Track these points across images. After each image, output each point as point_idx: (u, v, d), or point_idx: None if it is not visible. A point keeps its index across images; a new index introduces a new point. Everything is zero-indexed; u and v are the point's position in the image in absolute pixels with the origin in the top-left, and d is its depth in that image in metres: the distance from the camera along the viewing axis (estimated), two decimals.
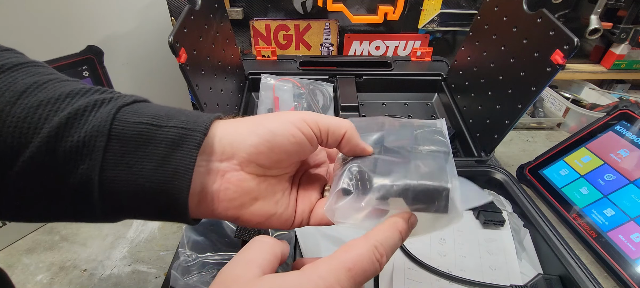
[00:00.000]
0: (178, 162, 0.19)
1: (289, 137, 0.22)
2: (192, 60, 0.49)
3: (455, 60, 0.70)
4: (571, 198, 0.55)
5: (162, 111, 0.21)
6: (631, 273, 0.46)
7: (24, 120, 0.17)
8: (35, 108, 0.18)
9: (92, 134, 0.18)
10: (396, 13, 0.81)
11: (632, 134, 0.55)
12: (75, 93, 0.19)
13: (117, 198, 0.19)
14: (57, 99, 0.18)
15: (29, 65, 0.20)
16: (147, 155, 0.19)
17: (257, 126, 0.22)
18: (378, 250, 0.20)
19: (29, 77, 0.19)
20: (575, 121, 0.78)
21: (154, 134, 0.19)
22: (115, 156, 0.19)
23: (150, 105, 0.21)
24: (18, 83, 0.18)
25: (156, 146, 0.19)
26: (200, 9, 0.51)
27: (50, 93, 0.18)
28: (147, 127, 0.19)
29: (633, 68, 0.87)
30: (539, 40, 0.48)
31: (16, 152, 0.17)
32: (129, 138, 0.19)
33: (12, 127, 0.17)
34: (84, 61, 0.54)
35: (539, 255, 0.46)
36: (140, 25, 0.61)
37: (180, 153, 0.19)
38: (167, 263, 0.50)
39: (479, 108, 0.61)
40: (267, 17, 0.84)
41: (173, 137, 0.20)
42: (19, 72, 0.19)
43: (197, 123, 0.20)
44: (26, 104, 0.18)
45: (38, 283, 0.47)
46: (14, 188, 0.18)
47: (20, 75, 0.19)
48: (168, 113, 0.21)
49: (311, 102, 0.69)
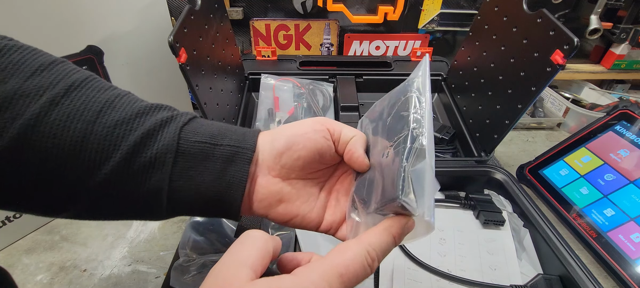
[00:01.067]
0: (233, 175, 0.24)
1: (306, 135, 0.25)
2: (192, 60, 0.49)
3: (455, 60, 0.70)
4: (571, 198, 0.55)
5: (215, 130, 0.24)
6: (631, 273, 0.46)
7: (105, 138, 0.21)
8: (113, 128, 0.21)
9: (162, 151, 0.22)
10: (396, 13, 0.81)
11: (632, 134, 0.55)
12: (143, 112, 0.23)
13: (181, 202, 0.23)
14: (130, 119, 0.22)
15: (91, 80, 0.23)
16: (208, 169, 0.23)
17: (282, 130, 0.26)
18: (370, 255, 0.20)
19: (100, 93, 0.22)
20: (575, 121, 0.78)
21: (212, 151, 0.23)
22: (182, 169, 0.23)
23: (205, 123, 0.25)
24: (94, 101, 0.22)
25: (214, 162, 0.23)
26: (200, 9, 0.51)
27: (122, 113, 0.22)
28: (206, 146, 0.23)
29: (633, 68, 0.87)
30: (539, 40, 0.48)
31: (99, 164, 0.21)
32: (193, 155, 0.23)
33: (95, 143, 0.21)
34: (84, 61, 0.54)
35: (539, 255, 0.46)
36: (140, 25, 0.61)
37: (234, 168, 0.24)
38: (167, 263, 0.50)
39: (479, 108, 0.61)
40: (267, 17, 0.84)
41: (228, 154, 0.24)
42: (89, 89, 0.22)
43: (246, 141, 0.25)
44: (105, 123, 0.21)
45: (38, 283, 0.47)
46: (96, 193, 0.22)
47: (92, 93, 0.22)
48: (221, 131, 0.25)
49: (311, 102, 0.69)
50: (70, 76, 0.22)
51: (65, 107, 0.21)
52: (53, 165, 0.20)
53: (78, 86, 0.22)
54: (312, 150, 0.25)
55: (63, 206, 0.22)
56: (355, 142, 0.25)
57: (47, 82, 0.21)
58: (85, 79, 0.23)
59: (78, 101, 0.21)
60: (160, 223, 0.56)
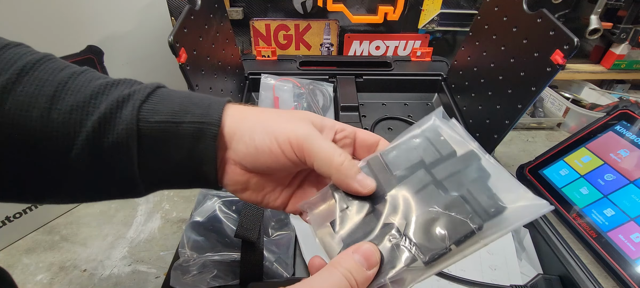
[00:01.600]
0: (203, 153, 0.23)
1: (271, 154, 0.23)
2: (192, 60, 0.49)
3: (455, 60, 0.70)
4: (571, 198, 0.55)
5: (177, 104, 0.23)
6: (631, 273, 0.46)
7: (63, 125, 0.20)
8: (69, 113, 0.21)
9: (123, 135, 0.21)
10: (396, 13, 0.81)
11: (632, 134, 0.55)
12: (97, 92, 0.22)
13: (156, 181, 0.24)
14: (85, 102, 0.21)
15: (45, 60, 0.22)
16: (175, 147, 0.23)
17: (249, 133, 0.24)
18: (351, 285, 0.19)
19: (53, 75, 0.21)
20: (575, 121, 0.78)
21: (176, 130, 0.22)
22: (148, 151, 0.22)
23: (166, 96, 0.23)
24: (47, 85, 0.21)
25: (180, 139, 0.22)
26: (200, 9, 0.51)
27: (77, 95, 0.21)
28: (168, 125, 0.22)
29: (633, 68, 0.87)
30: (539, 40, 0.48)
31: (63, 152, 0.21)
32: (156, 136, 0.22)
33: (54, 131, 0.20)
34: (84, 61, 0.54)
35: (539, 255, 0.46)
36: (140, 25, 0.61)
37: (202, 145, 0.23)
38: (167, 263, 0.50)
39: (479, 108, 0.61)
40: (267, 17, 0.84)
41: (193, 131, 0.23)
42: (41, 71, 0.21)
43: (210, 115, 0.23)
44: (59, 109, 0.20)
45: (38, 283, 0.47)
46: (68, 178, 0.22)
47: (44, 75, 0.21)
48: (182, 106, 0.23)
49: (311, 102, 0.69)
50: (23, 59, 0.21)
51: (18, 93, 0.20)
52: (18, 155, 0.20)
53: (30, 69, 0.21)
54: (276, 163, 0.23)
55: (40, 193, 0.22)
56: (341, 179, 0.23)
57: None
58: (37, 61, 0.22)
59: (31, 87, 0.20)
60: (160, 223, 0.56)
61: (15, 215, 0.52)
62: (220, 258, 0.40)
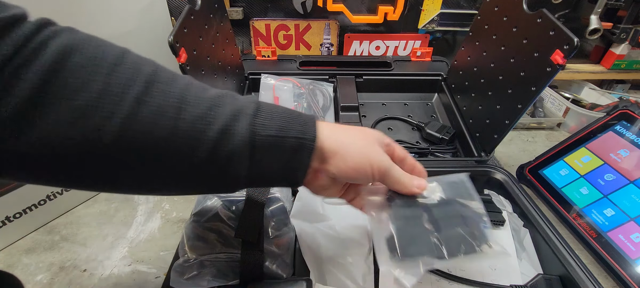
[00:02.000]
0: (299, 162, 0.28)
1: (364, 174, 0.30)
2: (192, 60, 0.49)
3: (455, 60, 0.70)
4: (571, 198, 0.55)
5: (281, 121, 0.28)
6: (631, 273, 0.46)
7: (189, 134, 0.24)
8: (193, 123, 0.24)
9: (239, 146, 0.26)
10: (396, 13, 0.81)
11: (632, 134, 0.55)
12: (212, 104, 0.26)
13: (254, 182, 0.29)
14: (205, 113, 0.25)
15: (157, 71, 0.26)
16: (277, 158, 0.28)
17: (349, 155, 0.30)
18: None
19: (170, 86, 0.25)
20: (575, 121, 0.78)
21: (282, 143, 0.27)
22: (257, 160, 0.27)
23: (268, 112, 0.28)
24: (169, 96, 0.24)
25: (283, 152, 0.28)
26: (200, 9, 0.51)
27: (197, 108, 0.25)
28: (276, 139, 0.27)
29: (633, 68, 0.87)
30: (539, 40, 0.48)
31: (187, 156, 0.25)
32: (266, 148, 0.27)
33: (182, 138, 0.24)
34: None
35: (539, 255, 0.46)
36: (140, 25, 0.61)
37: (299, 156, 0.28)
38: (167, 263, 0.50)
39: (479, 108, 0.61)
40: (267, 17, 0.84)
41: (294, 145, 0.28)
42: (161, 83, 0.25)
43: (307, 132, 0.28)
44: (185, 118, 0.24)
45: (38, 283, 0.47)
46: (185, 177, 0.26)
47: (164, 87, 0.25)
48: (284, 123, 0.28)
49: (311, 102, 0.69)
50: (142, 69, 0.24)
51: (149, 105, 0.23)
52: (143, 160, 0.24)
53: (152, 81, 0.24)
54: (360, 182, 0.33)
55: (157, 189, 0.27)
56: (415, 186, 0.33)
57: (125, 77, 0.23)
58: (153, 72, 0.25)
59: (158, 98, 0.24)
60: (160, 223, 0.56)
61: (15, 215, 0.52)
62: (220, 258, 0.40)
